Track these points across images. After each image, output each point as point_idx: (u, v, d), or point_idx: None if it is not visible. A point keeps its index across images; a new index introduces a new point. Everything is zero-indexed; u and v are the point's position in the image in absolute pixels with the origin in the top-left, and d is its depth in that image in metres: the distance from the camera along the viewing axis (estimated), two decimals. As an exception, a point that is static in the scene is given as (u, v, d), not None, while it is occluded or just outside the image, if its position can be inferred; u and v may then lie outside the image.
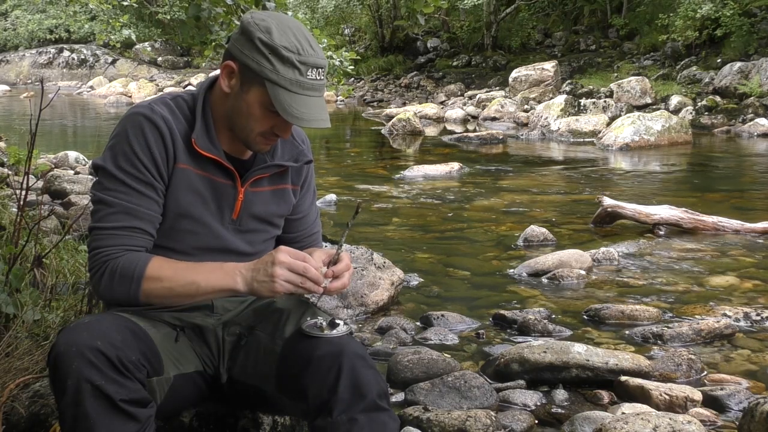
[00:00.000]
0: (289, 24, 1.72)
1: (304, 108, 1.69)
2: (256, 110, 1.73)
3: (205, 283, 1.73)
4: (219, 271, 1.73)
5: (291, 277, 1.68)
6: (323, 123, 1.71)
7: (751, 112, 14.57)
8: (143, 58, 30.15)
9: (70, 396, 1.57)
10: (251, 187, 1.86)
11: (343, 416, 1.63)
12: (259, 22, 1.71)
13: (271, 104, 1.70)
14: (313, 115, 1.70)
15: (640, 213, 6.01)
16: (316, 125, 1.70)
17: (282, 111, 1.68)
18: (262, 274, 1.69)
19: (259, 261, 1.72)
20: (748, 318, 3.88)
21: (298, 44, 1.68)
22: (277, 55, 1.67)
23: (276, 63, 1.67)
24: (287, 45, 1.67)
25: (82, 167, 8.62)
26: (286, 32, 1.69)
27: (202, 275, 1.73)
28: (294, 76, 1.68)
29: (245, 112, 1.75)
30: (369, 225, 6.26)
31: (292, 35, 1.69)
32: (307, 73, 1.69)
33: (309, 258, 1.70)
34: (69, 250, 3.65)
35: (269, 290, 1.69)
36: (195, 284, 1.73)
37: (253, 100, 1.72)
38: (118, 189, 1.74)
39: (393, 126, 13.91)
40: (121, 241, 1.73)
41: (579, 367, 3.05)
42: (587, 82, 18.17)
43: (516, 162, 10.45)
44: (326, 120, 1.72)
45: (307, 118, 1.69)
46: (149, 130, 1.74)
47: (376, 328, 3.80)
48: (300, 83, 1.68)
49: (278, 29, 1.69)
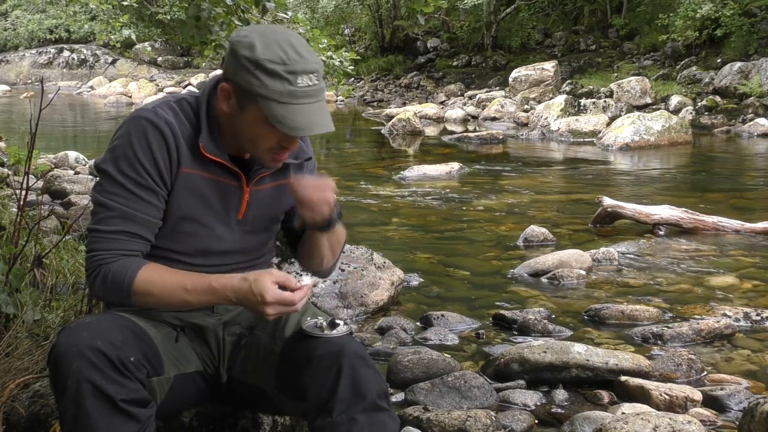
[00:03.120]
0: (273, 35, 1.68)
1: (300, 117, 1.65)
2: (257, 128, 1.70)
3: (197, 303, 1.75)
4: (210, 296, 1.72)
5: (281, 311, 1.68)
6: (323, 128, 1.68)
7: (751, 112, 14.56)
8: (143, 58, 30.13)
9: (71, 396, 1.57)
10: (255, 186, 1.86)
11: (343, 416, 1.63)
12: (242, 39, 1.67)
13: (269, 120, 1.67)
14: (312, 122, 1.67)
15: (640, 213, 6.01)
16: (316, 132, 1.68)
17: (278, 124, 1.66)
18: (251, 307, 1.69)
19: (248, 300, 1.67)
20: (748, 318, 3.88)
21: (283, 54, 1.64)
22: (263, 70, 1.64)
23: (263, 78, 1.64)
24: (271, 57, 1.63)
25: (82, 167, 8.61)
26: (270, 44, 1.65)
27: (192, 296, 1.72)
28: (284, 87, 1.64)
29: (248, 131, 1.73)
30: (369, 225, 6.26)
31: (277, 46, 1.65)
32: (297, 81, 1.64)
33: (295, 298, 1.67)
34: (69, 250, 3.65)
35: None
36: (186, 303, 1.74)
37: (252, 118, 1.70)
38: (117, 193, 1.73)
39: (393, 126, 13.90)
40: (116, 246, 1.73)
41: (579, 367, 3.05)
42: (587, 82, 18.16)
43: (516, 162, 10.45)
44: (327, 124, 1.69)
45: (305, 126, 1.66)
46: (153, 135, 1.73)
47: (376, 328, 3.81)
48: (291, 93, 1.64)
49: (261, 43, 1.65)
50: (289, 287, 1.67)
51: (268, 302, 1.65)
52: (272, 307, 1.65)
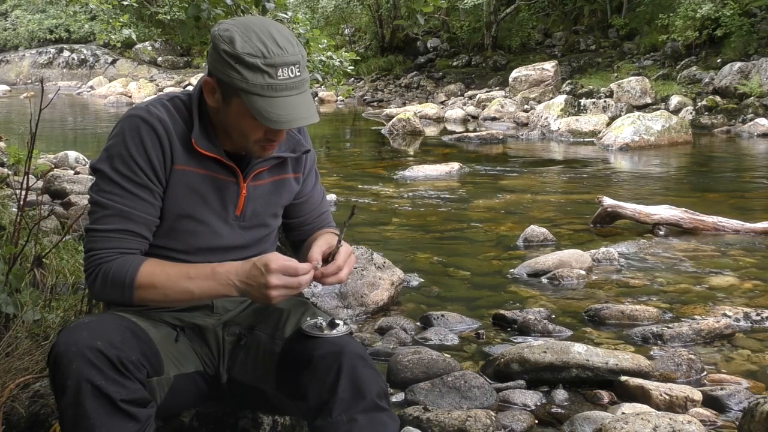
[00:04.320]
0: (253, 28, 1.67)
1: (281, 110, 1.65)
2: (243, 121, 1.71)
3: (199, 291, 1.73)
4: (212, 282, 1.71)
5: (286, 293, 1.67)
6: (306, 120, 1.68)
7: (751, 112, 14.57)
8: (143, 58, 30.15)
9: (70, 396, 1.57)
10: (252, 181, 1.86)
11: (342, 416, 1.63)
12: (223, 33, 1.67)
13: (251, 113, 1.67)
14: (294, 115, 1.66)
15: (640, 213, 6.01)
16: (298, 125, 1.67)
17: (260, 117, 1.65)
18: (256, 291, 1.68)
19: (251, 275, 1.67)
20: (748, 318, 3.88)
21: (263, 47, 1.63)
22: (243, 63, 1.63)
23: (243, 71, 1.63)
24: (250, 51, 1.63)
25: (82, 167, 8.61)
26: (250, 37, 1.64)
27: (195, 284, 1.72)
28: (264, 80, 1.63)
29: (234, 124, 1.73)
30: (369, 225, 6.26)
31: (256, 39, 1.64)
32: (278, 74, 1.64)
33: (299, 268, 1.67)
34: (69, 250, 3.65)
35: (264, 303, 1.72)
36: (189, 292, 1.73)
37: (236, 112, 1.70)
38: (113, 191, 1.74)
39: (393, 126, 13.91)
40: (115, 244, 1.73)
41: (579, 367, 3.05)
42: (587, 82, 18.17)
43: (516, 162, 10.45)
44: (310, 117, 1.68)
45: (287, 119, 1.65)
46: (146, 132, 1.74)
47: (376, 328, 3.80)
48: (272, 86, 1.64)
49: (241, 36, 1.64)
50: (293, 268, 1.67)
51: (272, 270, 1.63)
52: (276, 277, 1.64)
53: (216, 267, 1.72)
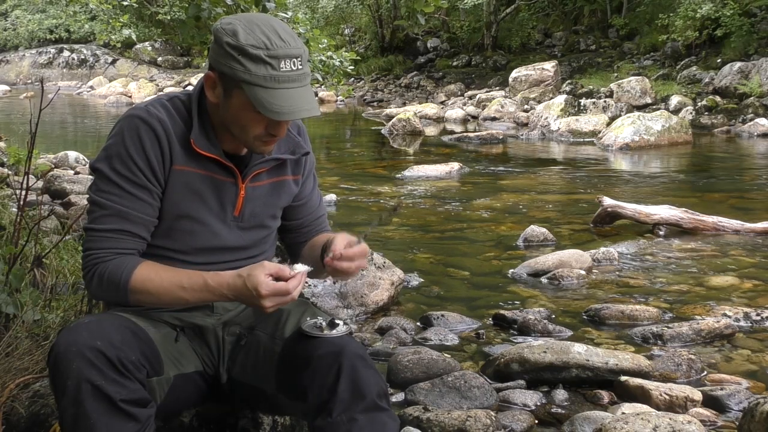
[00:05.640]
0: (256, 21, 1.69)
1: (283, 102, 1.66)
2: (243, 114, 1.71)
3: (194, 300, 1.75)
4: (206, 293, 1.72)
5: (278, 301, 1.67)
6: (307, 113, 1.68)
7: (751, 112, 14.57)
8: (143, 58, 30.14)
9: (70, 396, 1.57)
10: (251, 182, 1.86)
11: (342, 416, 1.63)
12: (226, 27, 1.68)
13: (254, 105, 1.67)
14: (295, 107, 1.67)
15: (640, 213, 6.01)
16: (300, 116, 1.68)
17: (262, 109, 1.66)
18: (249, 302, 1.70)
19: (243, 295, 1.68)
20: (748, 318, 3.88)
21: (266, 39, 1.65)
22: (246, 55, 1.64)
23: (246, 63, 1.65)
24: (254, 42, 1.64)
25: (82, 167, 8.61)
26: (253, 30, 1.66)
27: (189, 293, 1.73)
28: (267, 72, 1.64)
29: (235, 118, 1.73)
30: (369, 225, 6.25)
31: (260, 31, 1.66)
32: (281, 65, 1.65)
33: (287, 272, 1.68)
34: (69, 250, 3.65)
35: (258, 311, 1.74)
36: (183, 300, 1.74)
37: (237, 105, 1.71)
38: (112, 191, 1.74)
39: (393, 126, 13.90)
40: (112, 245, 1.74)
41: (579, 367, 3.05)
42: (587, 82, 18.17)
43: (516, 162, 10.45)
44: (311, 109, 1.69)
45: (289, 111, 1.66)
46: (145, 132, 1.74)
47: (376, 328, 3.80)
48: (274, 78, 1.65)
49: (244, 29, 1.66)
50: (283, 277, 1.67)
51: (263, 295, 1.65)
52: (269, 300, 1.66)
53: (208, 280, 1.72)
